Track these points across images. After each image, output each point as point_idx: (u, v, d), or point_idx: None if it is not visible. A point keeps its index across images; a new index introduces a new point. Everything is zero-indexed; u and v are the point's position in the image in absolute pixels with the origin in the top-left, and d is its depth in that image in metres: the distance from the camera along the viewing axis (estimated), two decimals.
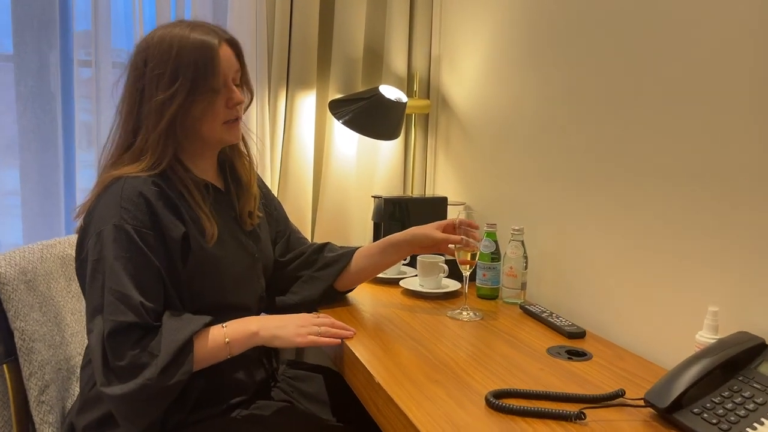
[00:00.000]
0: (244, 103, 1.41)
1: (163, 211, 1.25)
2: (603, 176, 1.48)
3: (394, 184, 2.28)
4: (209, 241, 1.30)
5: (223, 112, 1.31)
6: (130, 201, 1.22)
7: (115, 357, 1.15)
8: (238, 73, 1.35)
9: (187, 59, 1.25)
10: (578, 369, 1.24)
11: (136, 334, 1.17)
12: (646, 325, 1.36)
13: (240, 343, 1.26)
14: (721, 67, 1.18)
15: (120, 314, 1.16)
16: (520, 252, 1.63)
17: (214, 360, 1.25)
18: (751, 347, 1.04)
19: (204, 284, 1.31)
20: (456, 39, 2.14)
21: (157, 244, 1.23)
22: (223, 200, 1.42)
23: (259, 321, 1.31)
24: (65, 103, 1.99)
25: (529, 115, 1.75)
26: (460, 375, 1.19)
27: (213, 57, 1.26)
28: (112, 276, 1.18)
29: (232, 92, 1.31)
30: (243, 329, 1.27)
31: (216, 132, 1.33)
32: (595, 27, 1.49)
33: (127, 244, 1.20)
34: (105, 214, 1.22)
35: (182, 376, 1.17)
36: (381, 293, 1.73)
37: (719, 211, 1.19)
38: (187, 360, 1.18)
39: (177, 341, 1.18)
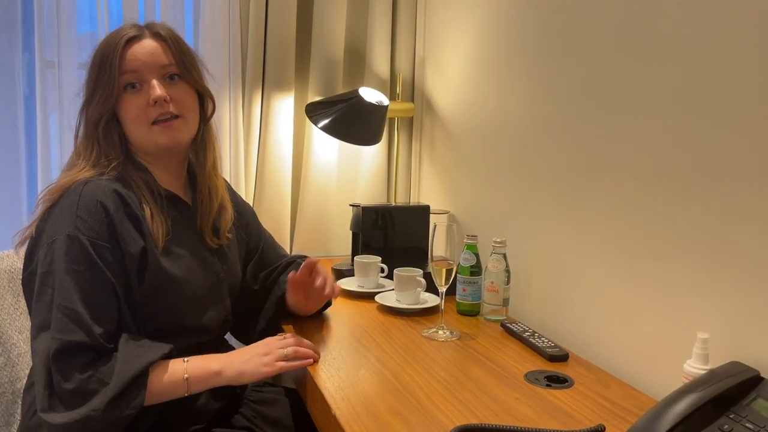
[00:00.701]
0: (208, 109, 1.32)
1: (122, 223, 1.15)
2: (593, 187, 1.37)
3: (378, 191, 2.18)
4: (156, 245, 1.19)
5: (145, 111, 1.21)
6: (87, 210, 1.13)
7: (60, 380, 1.05)
8: (170, 67, 1.23)
9: (98, 53, 1.21)
10: (557, 398, 1.13)
11: (86, 356, 1.08)
12: (633, 349, 1.25)
13: (200, 382, 1.17)
14: (727, 66, 1.07)
15: (69, 333, 1.07)
16: (501, 266, 1.52)
17: (170, 396, 1.15)
18: (744, 380, 0.93)
19: (161, 303, 1.21)
20: (440, 39, 2.03)
21: (113, 259, 1.14)
22: (187, 213, 1.32)
23: (221, 360, 1.20)
24: (28, 105, 1.89)
25: (515, 120, 1.65)
26: (425, 406, 1.09)
27: (115, 49, 1.19)
28: (62, 291, 1.09)
29: (150, 88, 1.20)
30: (205, 367, 1.17)
31: (145, 136, 1.23)
32: (586, 27, 1.38)
33: (80, 257, 1.10)
34: (59, 222, 1.13)
35: (131, 410, 1.07)
36: (356, 309, 1.63)
37: (715, 231, 1.07)
38: (140, 393, 1.08)
39: (131, 371, 1.08)
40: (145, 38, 1.23)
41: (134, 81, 1.21)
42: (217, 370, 1.18)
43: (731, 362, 0.98)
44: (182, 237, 1.28)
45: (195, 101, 1.29)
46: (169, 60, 1.23)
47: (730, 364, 0.97)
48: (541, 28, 1.52)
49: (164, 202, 1.25)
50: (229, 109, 1.97)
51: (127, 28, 1.23)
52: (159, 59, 1.22)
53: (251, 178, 2.04)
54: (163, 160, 1.29)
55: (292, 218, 2.12)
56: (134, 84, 1.21)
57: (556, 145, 1.48)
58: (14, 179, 1.88)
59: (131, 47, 1.21)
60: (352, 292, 1.72)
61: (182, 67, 1.25)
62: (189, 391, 1.15)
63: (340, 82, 2.10)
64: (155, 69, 1.22)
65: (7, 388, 1.35)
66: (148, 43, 1.22)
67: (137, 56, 1.21)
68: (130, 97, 1.21)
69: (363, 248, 1.86)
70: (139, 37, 1.22)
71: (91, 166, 1.21)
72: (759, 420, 0.88)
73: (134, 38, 1.22)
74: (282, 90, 2.02)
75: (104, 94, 1.20)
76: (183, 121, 1.25)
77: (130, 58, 1.20)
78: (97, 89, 1.21)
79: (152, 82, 1.21)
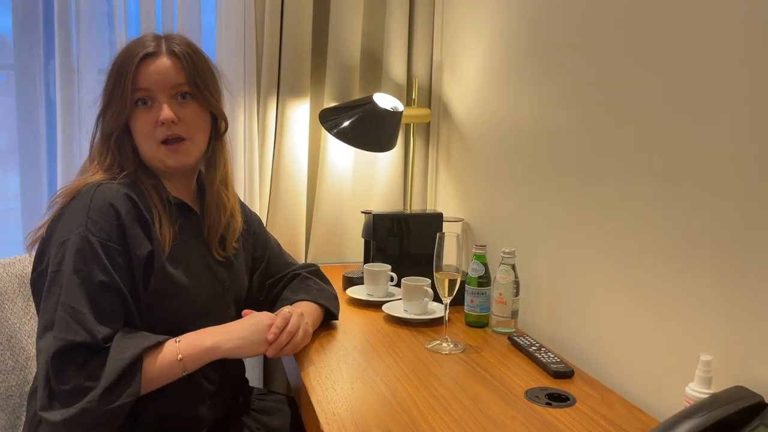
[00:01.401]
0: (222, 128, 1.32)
1: (132, 226, 1.17)
2: (604, 199, 1.31)
3: (393, 198, 2.15)
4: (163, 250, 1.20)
5: (153, 129, 1.21)
6: (99, 212, 1.14)
7: (58, 379, 1.06)
8: (182, 86, 1.23)
9: (115, 66, 1.22)
10: (556, 417, 1.09)
11: (83, 356, 1.08)
12: (640, 367, 1.20)
13: (195, 360, 1.16)
14: (742, 72, 1.01)
15: (70, 333, 1.07)
16: (510, 277, 1.48)
17: (167, 379, 1.14)
18: (746, 407, 0.87)
19: (165, 308, 1.21)
20: (458, 44, 2.00)
21: (122, 261, 1.15)
22: (195, 222, 1.32)
23: (214, 335, 1.19)
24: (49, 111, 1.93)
25: (530, 126, 1.60)
26: (417, 423, 1.06)
27: (129, 65, 1.19)
28: (68, 291, 1.10)
29: (161, 108, 1.20)
30: (197, 344, 1.17)
31: (154, 153, 1.23)
32: (602, 33, 1.33)
33: (89, 258, 1.11)
34: (70, 223, 1.14)
35: (127, 398, 1.06)
36: (363, 318, 1.60)
37: (727, 248, 1.02)
38: (134, 381, 1.08)
39: (123, 360, 1.08)
40: (161, 55, 1.22)
41: (145, 98, 1.21)
42: (209, 345, 1.17)
43: (735, 387, 0.92)
44: (189, 244, 1.28)
45: (206, 120, 1.28)
46: (181, 79, 1.23)
47: (733, 388, 0.92)
48: (558, 34, 1.48)
49: (173, 209, 1.26)
50: (244, 115, 1.97)
51: (146, 41, 1.23)
52: (171, 78, 1.22)
53: (266, 185, 2.04)
54: (171, 175, 1.30)
55: (307, 225, 2.11)
56: (146, 101, 1.21)
57: (571, 153, 1.43)
58: (35, 186, 1.92)
59: (146, 64, 1.21)
60: (360, 300, 1.70)
61: (194, 86, 1.24)
62: (185, 370, 1.15)
63: (357, 88, 2.08)
64: (167, 88, 1.22)
65: (15, 391, 1.37)
66: (162, 61, 1.22)
67: (150, 75, 1.21)
68: (141, 113, 1.22)
69: (374, 256, 1.84)
70: (155, 54, 1.22)
71: (103, 171, 1.23)
72: None
73: (150, 55, 1.21)
74: (297, 96, 2.01)
75: (117, 109, 1.21)
76: (191, 143, 1.25)
77: (143, 75, 1.20)
78: (111, 102, 1.22)
79: (161, 102, 1.21)
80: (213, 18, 1.97)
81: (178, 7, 1.92)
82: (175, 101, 1.23)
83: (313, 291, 1.46)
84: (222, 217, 1.34)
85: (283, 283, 1.49)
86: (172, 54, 1.23)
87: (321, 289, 1.49)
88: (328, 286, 1.53)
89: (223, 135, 1.35)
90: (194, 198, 1.36)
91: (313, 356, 1.34)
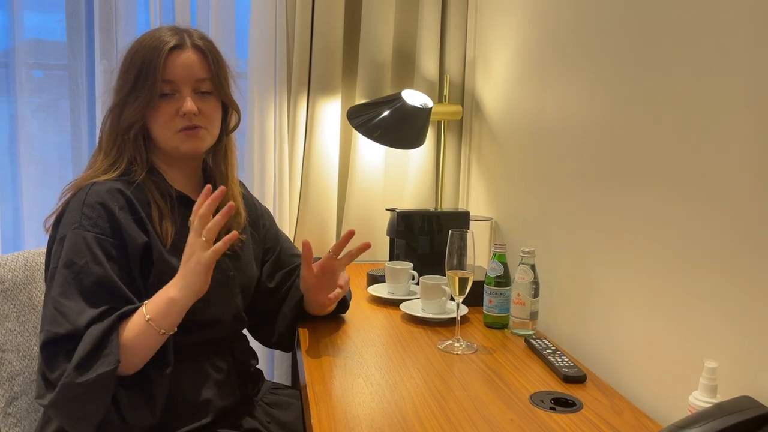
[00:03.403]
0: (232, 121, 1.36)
1: (126, 221, 1.19)
2: (627, 202, 1.24)
3: (425, 196, 2.12)
4: (165, 243, 1.22)
5: (173, 119, 1.24)
6: (92, 207, 1.17)
7: (48, 369, 1.10)
8: (203, 82, 1.26)
9: (138, 57, 1.23)
10: (557, 423, 1.04)
11: (71, 345, 1.10)
12: (652, 374, 1.13)
13: (164, 315, 1.12)
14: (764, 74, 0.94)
15: (56, 325, 1.11)
16: (529, 277, 1.43)
17: (148, 344, 1.12)
18: (749, 419, 0.81)
19: None
20: (491, 39, 1.95)
21: (116, 253, 1.17)
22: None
23: (174, 284, 1.15)
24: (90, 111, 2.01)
25: (556, 126, 1.54)
26: (410, 423, 1.03)
27: (158, 57, 1.20)
28: (59, 285, 1.14)
29: (183, 100, 1.23)
30: (162, 300, 1.14)
31: (169, 140, 1.26)
32: (641, 29, 1.26)
33: (83, 252, 1.15)
34: (67, 221, 1.19)
35: (106, 366, 1.06)
36: (382, 315, 1.59)
37: (743, 252, 0.94)
38: (108, 349, 1.08)
39: (95, 332, 1.09)
40: (186, 48, 1.25)
41: (170, 91, 1.24)
42: (172, 296, 1.13)
43: (741, 396, 0.86)
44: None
45: (220, 114, 1.32)
46: (205, 74, 1.26)
47: (739, 398, 0.85)
48: (595, 30, 1.40)
49: (175, 203, 1.28)
50: (274, 113, 1.99)
51: (168, 34, 1.25)
52: (196, 73, 1.25)
53: (296, 183, 2.05)
54: (180, 162, 1.32)
55: (338, 223, 2.11)
56: (169, 93, 1.24)
57: (593, 155, 1.37)
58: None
59: (173, 57, 1.23)
60: (381, 298, 1.68)
61: (216, 82, 1.27)
62: (161, 328, 1.12)
63: (388, 85, 2.07)
64: (191, 81, 1.25)
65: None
66: (188, 54, 1.25)
67: (177, 68, 1.23)
68: (162, 103, 1.24)
69: (399, 254, 1.81)
70: (181, 47, 1.24)
71: (109, 165, 1.25)
72: None
73: (177, 47, 1.24)
74: (328, 93, 2.02)
75: (143, 101, 1.22)
76: (206, 132, 1.28)
77: (170, 68, 1.23)
78: (134, 93, 1.23)
79: (185, 95, 1.24)
80: (245, 17, 1.99)
81: (212, 6, 1.95)
82: (196, 94, 1.26)
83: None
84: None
85: (295, 274, 1.49)
86: (197, 48, 1.26)
87: None
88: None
89: (234, 129, 1.38)
90: (197, 190, 1.37)
91: (321, 351, 1.33)
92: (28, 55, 1.96)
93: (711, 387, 0.89)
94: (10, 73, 1.95)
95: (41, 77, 2.01)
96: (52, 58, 2.02)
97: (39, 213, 1.95)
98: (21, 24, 1.94)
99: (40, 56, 1.99)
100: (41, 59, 1.99)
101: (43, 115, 2.03)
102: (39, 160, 2.03)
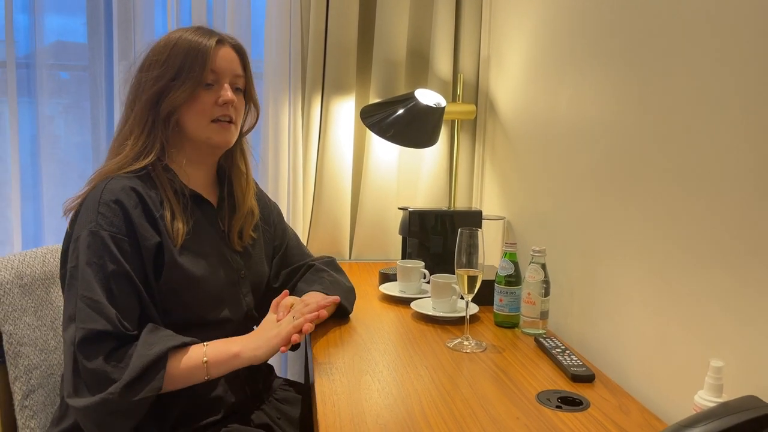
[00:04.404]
0: (249, 122, 1.39)
1: (140, 220, 1.21)
2: (638, 202, 1.23)
3: (439, 195, 2.13)
4: (175, 243, 1.23)
5: (211, 108, 1.27)
6: (107, 206, 1.19)
7: (85, 366, 1.12)
8: (239, 78, 1.32)
9: (180, 48, 1.26)
10: (563, 422, 1.04)
11: (110, 344, 1.13)
12: (661, 374, 1.12)
13: (219, 364, 1.19)
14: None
15: (90, 322, 1.13)
16: (539, 276, 1.43)
17: (190, 381, 1.18)
18: (753, 418, 0.80)
19: (179, 298, 1.25)
20: (506, 38, 1.94)
21: (131, 251, 1.19)
22: (210, 213, 1.36)
23: (241, 341, 1.23)
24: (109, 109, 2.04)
25: (568, 125, 1.53)
26: (415, 420, 1.03)
27: (205, 51, 1.25)
28: (84, 283, 1.16)
29: (223, 90, 1.28)
30: (224, 350, 1.20)
31: (202, 129, 1.28)
32: (657, 29, 1.25)
33: (100, 250, 1.17)
34: (83, 219, 1.21)
35: (148, 393, 1.11)
36: (392, 314, 1.59)
37: (750, 250, 0.93)
38: (157, 377, 1.12)
39: (148, 356, 1.12)
40: (226, 45, 1.31)
41: (212, 81, 1.28)
42: (236, 351, 1.20)
43: (747, 396, 0.85)
44: (203, 236, 1.31)
45: (244, 112, 1.37)
46: (241, 72, 1.33)
47: (745, 398, 0.84)
48: (608, 29, 1.39)
49: (188, 201, 1.29)
50: (288, 112, 2.01)
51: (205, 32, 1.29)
52: (236, 69, 1.31)
53: (310, 182, 2.06)
54: (200, 157, 1.34)
55: (352, 222, 2.12)
56: (210, 83, 1.28)
57: (603, 155, 1.36)
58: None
59: (218, 50, 1.29)
60: (393, 297, 1.69)
61: (247, 80, 1.34)
62: (209, 375, 1.18)
63: (402, 84, 2.07)
64: (230, 76, 1.30)
65: (55, 369, 1.45)
66: (229, 51, 1.31)
67: (221, 61, 1.29)
68: (202, 92, 1.27)
69: (411, 253, 1.82)
70: (223, 43, 1.30)
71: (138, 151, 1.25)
72: None
73: (220, 42, 1.30)
74: (342, 93, 2.03)
75: (188, 88, 1.25)
76: (235, 127, 1.33)
77: (217, 60, 1.28)
78: (179, 80, 1.25)
79: (225, 85, 1.29)
80: (260, 18, 2.01)
81: (228, 6, 1.97)
82: (232, 89, 1.31)
83: (326, 283, 1.46)
84: (243, 208, 1.39)
85: (299, 274, 1.50)
86: (235, 47, 1.33)
87: (335, 281, 1.49)
88: (342, 278, 1.53)
89: (252, 128, 1.41)
90: (211, 188, 1.39)
91: (330, 349, 1.34)
92: (49, 57, 2.00)
93: (717, 386, 0.88)
94: (32, 74, 1.99)
95: (63, 78, 2.05)
96: (73, 59, 2.07)
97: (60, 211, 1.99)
98: (42, 26, 1.98)
99: (62, 58, 2.03)
100: (62, 60, 2.03)
101: (64, 115, 2.08)
102: (60, 159, 2.07)
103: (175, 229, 1.25)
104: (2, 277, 1.38)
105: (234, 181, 1.40)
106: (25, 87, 2.00)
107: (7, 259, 1.42)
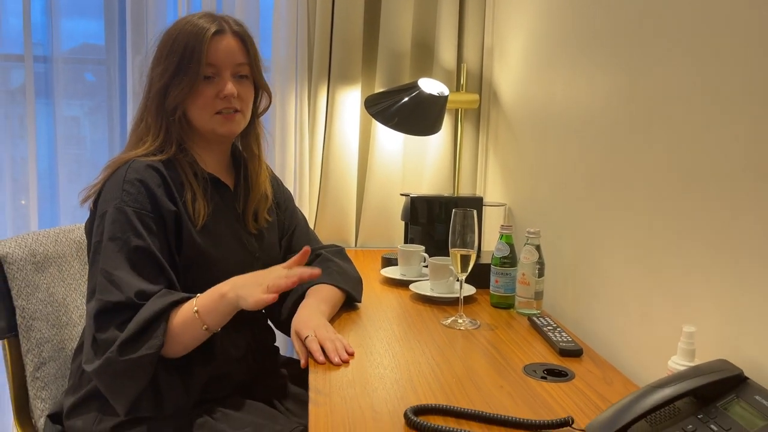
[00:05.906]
0: (262, 104, 1.40)
1: (162, 198, 1.24)
2: (628, 187, 1.26)
3: (443, 183, 2.16)
4: (196, 223, 1.27)
5: (212, 101, 1.28)
6: (132, 184, 1.22)
7: (98, 332, 1.15)
8: (242, 66, 1.31)
9: (180, 41, 1.26)
10: (546, 391, 1.07)
11: (124, 316, 1.16)
12: (643, 345, 1.15)
13: (210, 310, 1.15)
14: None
15: (107, 293, 1.16)
16: (533, 257, 1.45)
17: (190, 335, 1.17)
18: (721, 379, 0.82)
19: (195, 276, 1.28)
20: (509, 28, 1.97)
21: (156, 227, 1.22)
22: (228, 196, 1.39)
23: (232, 281, 1.19)
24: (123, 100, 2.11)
25: (564, 113, 1.56)
26: (402, 385, 1.07)
27: (201, 41, 1.25)
28: (106, 257, 1.19)
29: (223, 82, 1.28)
30: (213, 293, 1.17)
31: (206, 122, 1.30)
32: (662, 21, 1.27)
33: (125, 226, 1.20)
34: (108, 197, 1.24)
35: (148, 349, 1.12)
36: (392, 295, 1.63)
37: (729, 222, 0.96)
38: (156, 333, 1.13)
39: (146, 314, 1.14)
40: (226, 34, 1.30)
41: (211, 74, 1.29)
42: (223, 291, 1.17)
43: (718, 360, 0.87)
44: (221, 218, 1.34)
45: (253, 97, 1.37)
46: (243, 60, 1.31)
47: (715, 361, 0.87)
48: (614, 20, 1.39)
49: (208, 185, 1.33)
50: (295, 101, 2.06)
51: (206, 20, 1.29)
52: (236, 58, 1.30)
53: (316, 170, 2.11)
54: (212, 145, 1.37)
55: (357, 209, 2.16)
56: (211, 76, 1.29)
57: (597, 143, 1.38)
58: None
59: (215, 41, 1.28)
60: (394, 279, 1.72)
61: (253, 66, 1.33)
62: (207, 326, 1.16)
63: (407, 74, 2.11)
64: (231, 66, 1.30)
65: (66, 344, 1.52)
66: (229, 40, 1.30)
67: (219, 53, 1.28)
68: (202, 85, 1.29)
69: (413, 238, 1.86)
70: (222, 32, 1.29)
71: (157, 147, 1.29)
72: (727, 423, 0.78)
73: (218, 33, 1.29)
74: (348, 83, 2.07)
75: (187, 83, 1.27)
76: (242, 115, 1.33)
77: (213, 52, 1.28)
78: (178, 76, 1.27)
79: (226, 78, 1.29)
80: (269, 10, 2.06)
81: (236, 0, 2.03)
82: (235, 78, 1.31)
83: (333, 274, 1.47)
84: (257, 191, 1.41)
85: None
86: (236, 34, 1.31)
87: (342, 271, 1.49)
88: (349, 267, 1.54)
89: (264, 111, 1.43)
90: (227, 172, 1.43)
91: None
92: (67, 56, 2.07)
93: (689, 351, 0.91)
94: (50, 72, 2.06)
95: (81, 77, 2.12)
96: (90, 56, 2.14)
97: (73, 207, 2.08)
98: (59, 27, 2.04)
99: (79, 56, 2.10)
100: (80, 59, 2.11)
101: (82, 112, 2.14)
102: (77, 157, 2.14)
103: (197, 210, 1.28)
104: (16, 254, 1.45)
105: (249, 164, 1.43)
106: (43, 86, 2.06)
107: (21, 237, 1.49)
